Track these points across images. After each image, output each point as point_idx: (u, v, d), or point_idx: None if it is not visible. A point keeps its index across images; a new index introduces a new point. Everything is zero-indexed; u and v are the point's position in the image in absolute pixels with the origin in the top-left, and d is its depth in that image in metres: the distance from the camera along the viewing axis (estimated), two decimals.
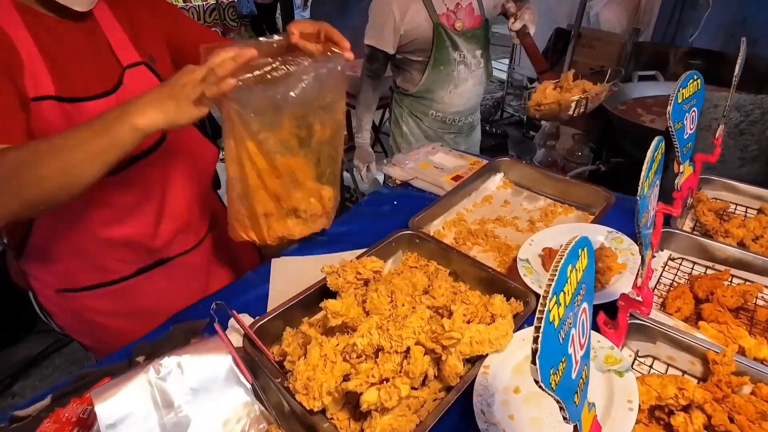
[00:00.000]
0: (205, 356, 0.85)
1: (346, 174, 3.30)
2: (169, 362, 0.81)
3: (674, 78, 3.26)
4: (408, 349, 0.78)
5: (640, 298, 0.90)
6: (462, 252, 1.16)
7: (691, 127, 1.11)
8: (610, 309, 0.97)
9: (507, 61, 5.33)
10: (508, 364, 0.87)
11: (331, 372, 0.78)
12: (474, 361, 0.86)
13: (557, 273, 0.44)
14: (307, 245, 1.37)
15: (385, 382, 0.74)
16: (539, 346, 0.41)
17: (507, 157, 1.63)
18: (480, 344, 0.83)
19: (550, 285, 0.43)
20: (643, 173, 0.77)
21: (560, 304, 0.44)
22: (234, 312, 0.92)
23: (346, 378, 0.78)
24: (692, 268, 1.21)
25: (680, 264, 1.23)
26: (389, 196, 1.59)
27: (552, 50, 4.00)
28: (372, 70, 1.97)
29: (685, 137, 1.09)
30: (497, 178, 1.61)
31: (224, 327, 0.94)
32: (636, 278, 0.88)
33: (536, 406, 0.79)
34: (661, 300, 1.11)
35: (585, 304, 0.53)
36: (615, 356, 0.84)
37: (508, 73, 5.27)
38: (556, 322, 0.44)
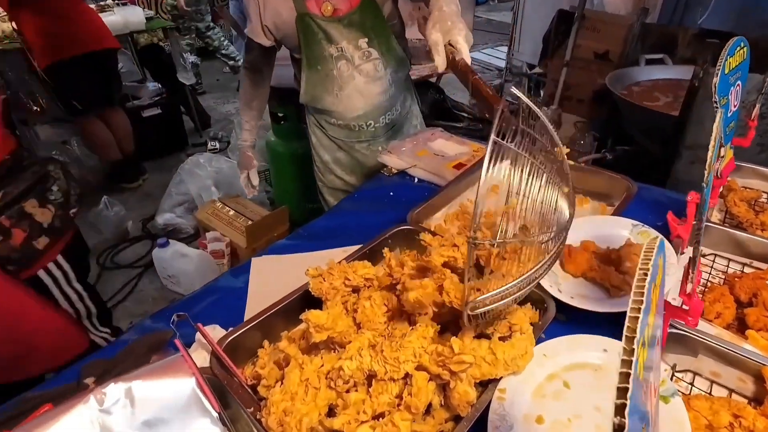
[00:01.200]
0: (162, 380, 0.71)
1: None
2: (114, 390, 0.67)
3: (683, 62, 3.11)
4: (407, 374, 0.63)
5: (686, 307, 0.76)
6: None
7: (735, 103, 0.96)
8: None
9: (505, 48, 5.16)
10: (528, 386, 0.73)
11: (313, 401, 0.63)
12: (486, 383, 0.72)
13: (644, 297, 0.29)
14: (294, 241, 1.22)
15: (380, 417, 0.60)
16: (628, 400, 0.26)
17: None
18: (493, 366, 0.69)
19: (637, 317, 0.29)
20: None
21: (645, 344, 0.30)
22: (199, 325, 0.77)
23: (331, 409, 0.64)
24: (727, 266, 1.07)
25: (713, 261, 1.09)
26: (385, 187, 1.44)
27: (554, 33, 3.83)
28: (249, 62, 1.65)
29: (729, 115, 0.94)
30: (504, 166, 1.46)
31: (189, 342, 0.79)
32: (684, 283, 0.74)
33: None
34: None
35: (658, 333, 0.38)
36: None
37: (507, 60, 5.09)
38: (641, 366, 0.29)
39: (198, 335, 0.81)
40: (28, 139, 3.36)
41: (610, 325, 0.91)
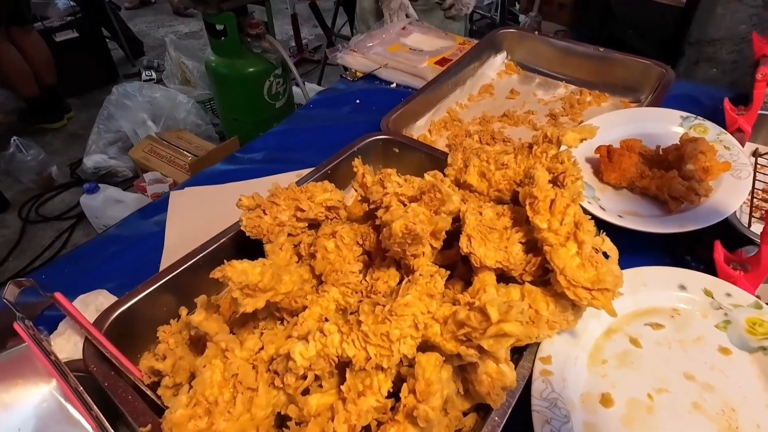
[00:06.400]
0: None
1: (296, 89, 2.75)
2: None
3: None
4: (403, 359, 0.37)
5: None
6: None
7: None
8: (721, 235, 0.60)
9: None
10: (580, 348, 0.49)
11: (247, 412, 0.36)
12: (520, 349, 0.47)
13: None
14: (231, 165, 0.91)
15: None
16: None
17: (511, 28, 1.16)
18: (534, 326, 0.43)
19: None
20: None
21: None
22: (57, 295, 0.48)
23: (280, 422, 0.38)
24: None
25: None
26: (348, 93, 1.11)
27: None
28: None
29: None
30: (498, 60, 1.15)
31: (51, 325, 0.50)
32: None
33: (650, 430, 0.42)
34: (758, 214, 0.75)
35: None
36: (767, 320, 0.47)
37: None
38: None
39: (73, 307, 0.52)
40: None
41: (668, 252, 0.68)
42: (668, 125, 0.78)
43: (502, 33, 1.15)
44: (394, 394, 0.38)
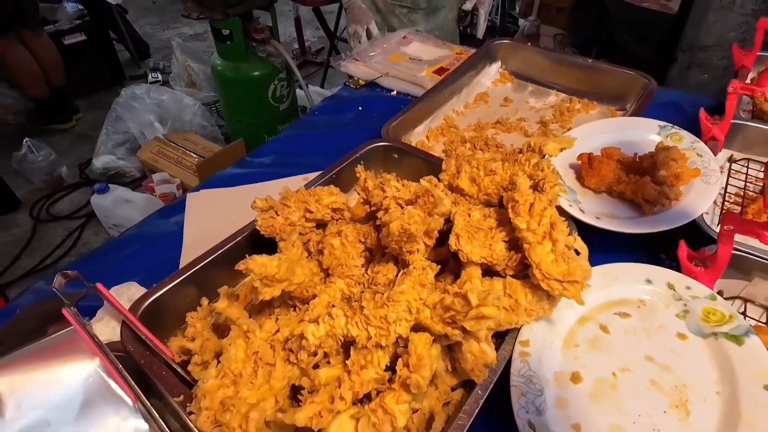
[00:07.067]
0: (48, 367, 0.49)
1: (299, 92, 2.81)
2: None
3: None
4: (399, 338, 0.44)
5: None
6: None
7: None
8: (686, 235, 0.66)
9: None
10: (555, 334, 0.55)
11: (266, 384, 0.43)
12: (502, 334, 0.54)
13: None
14: (241, 169, 0.98)
15: (363, 401, 0.41)
16: None
17: (506, 39, 1.22)
18: (513, 313, 0.50)
19: None
20: None
21: None
22: (98, 285, 0.54)
23: (294, 392, 0.45)
24: (763, 171, 0.90)
25: (747, 167, 0.92)
26: (351, 101, 1.18)
27: None
28: None
29: None
30: (493, 69, 1.22)
31: (91, 311, 0.57)
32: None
33: (613, 403, 0.49)
34: None
35: None
36: (720, 310, 0.54)
37: None
38: None
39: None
40: None
41: (644, 249, 0.74)
42: (647, 134, 0.84)
43: (497, 44, 1.21)
44: (391, 369, 0.44)
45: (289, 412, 0.41)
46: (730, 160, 0.94)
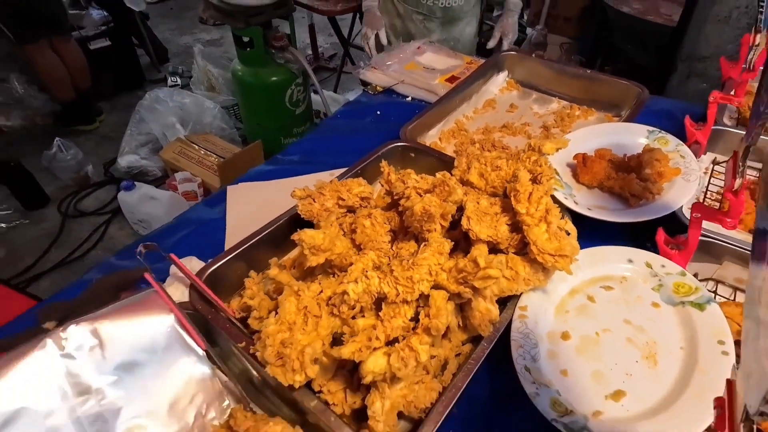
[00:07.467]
0: (135, 319, 0.60)
1: (314, 96, 2.94)
2: (76, 333, 0.56)
3: None
4: (421, 296, 0.55)
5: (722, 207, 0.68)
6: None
7: None
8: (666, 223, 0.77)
9: None
10: (549, 302, 0.66)
11: (314, 330, 0.54)
12: (504, 300, 0.65)
13: None
14: (272, 166, 1.09)
15: (393, 343, 0.52)
16: None
17: (512, 51, 1.33)
18: (513, 282, 0.61)
19: None
20: None
21: None
22: (172, 255, 0.66)
23: (336, 337, 0.56)
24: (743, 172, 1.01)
25: None
26: (370, 106, 1.29)
27: None
28: None
29: None
30: (500, 78, 1.33)
31: (162, 278, 0.68)
32: (733, 178, 0.66)
33: (594, 355, 0.60)
34: None
35: None
36: (688, 284, 0.64)
37: None
38: None
39: (172, 269, 0.71)
40: None
41: (630, 236, 0.85)
42: (636, 137, 0.95)
43: (504, 55, 1.33)
44: (415, 320, 0.55)
45: (335, 348, 0.52)
46: (714, 162, 1.04)
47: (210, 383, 0.61)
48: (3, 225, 2.58)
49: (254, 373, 0.60)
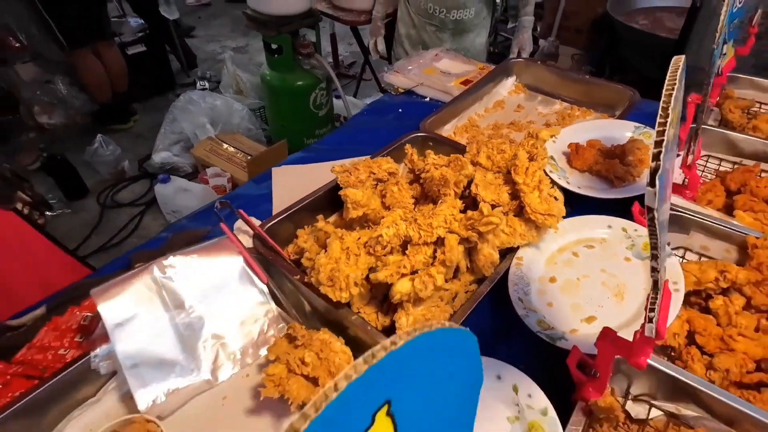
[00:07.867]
0: (214, 258, 0.77)
1: (337, 101, 3.13)
2: (175, 261, 0.73)
3: None
4: (438, 240, 0.71)
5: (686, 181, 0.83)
6: None
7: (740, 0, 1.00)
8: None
9: None
10: (541, 256, 0.82)
11: (355, 264, 0.71)
12: (504, 253, 0.81)
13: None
14: (309, 153, 1.27)
15: (415, 273, 0.68)
16: (661, 163, 0.33)
17: (520, 58, 1.50)
18: (511, 236, 0.77)
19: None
20: None
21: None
22: (241, 211, 0.83)
23: (371, 271, 0.72)
24: (719, 165, 1.15)
25: (707, 161, 1.17)
26: (392, 105, 1.47)
27: None
28: None
29: (734, 10, 0.98)
30: (509, 82, 1.49)
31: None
32: (685, 156, 0.81)
33: (574, 294, 0.75)
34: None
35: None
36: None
37: None
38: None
39: (237, 224, 0.88)
40: (8, 80, 3.23)
41: (613, 211, 1.00)
42: (625, 132, 1.10)
43: (513, 62, 1.49)
44: (433, 258, 0.71)
45: (373, 274, 0.68)
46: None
47: (270, 309, 0.78)
48: (48, 213, 2.80)
49: (304, 301, 0.77)
